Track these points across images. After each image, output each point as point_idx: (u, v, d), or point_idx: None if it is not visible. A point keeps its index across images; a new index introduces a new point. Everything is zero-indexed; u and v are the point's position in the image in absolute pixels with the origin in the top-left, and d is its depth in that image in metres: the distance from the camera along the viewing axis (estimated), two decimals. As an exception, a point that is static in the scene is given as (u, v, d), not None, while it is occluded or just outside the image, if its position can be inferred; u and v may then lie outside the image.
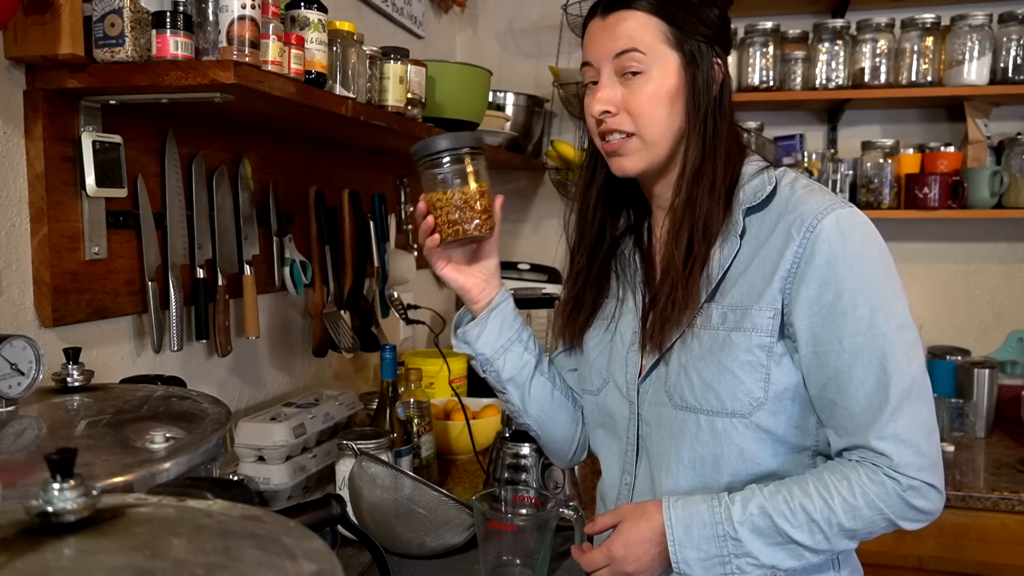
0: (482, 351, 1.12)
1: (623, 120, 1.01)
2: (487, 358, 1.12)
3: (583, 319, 1.15)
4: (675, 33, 0.99)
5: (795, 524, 0.93)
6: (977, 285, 2.48)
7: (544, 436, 1.21)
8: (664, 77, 0.99)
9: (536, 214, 2.78)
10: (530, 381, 1.15)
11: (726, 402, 0.99)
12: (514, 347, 1.13)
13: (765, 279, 0.97)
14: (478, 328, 1.12)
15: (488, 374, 1.14)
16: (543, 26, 2.69)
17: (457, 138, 1.04)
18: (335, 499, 0.77)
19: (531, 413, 1.17)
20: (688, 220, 1.00)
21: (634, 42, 0.99)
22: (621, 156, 1.03)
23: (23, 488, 0.63)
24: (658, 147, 1.02)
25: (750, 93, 2.36)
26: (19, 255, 1.09)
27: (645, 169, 1.03)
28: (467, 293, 1.12)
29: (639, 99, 1.00)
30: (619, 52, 0.99)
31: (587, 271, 1.14)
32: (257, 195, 1.54)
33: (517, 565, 1.17)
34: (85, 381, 0.96)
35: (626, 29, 0.99)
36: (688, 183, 1.01)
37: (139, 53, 1.04)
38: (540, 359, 1.17)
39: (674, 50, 1.00)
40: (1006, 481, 1.93)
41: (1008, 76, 2.22)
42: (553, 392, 1.18)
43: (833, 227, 0.94)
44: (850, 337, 0.93)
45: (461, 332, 1.13)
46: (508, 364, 1.13)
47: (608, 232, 1.13)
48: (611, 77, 1.01)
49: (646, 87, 0.99)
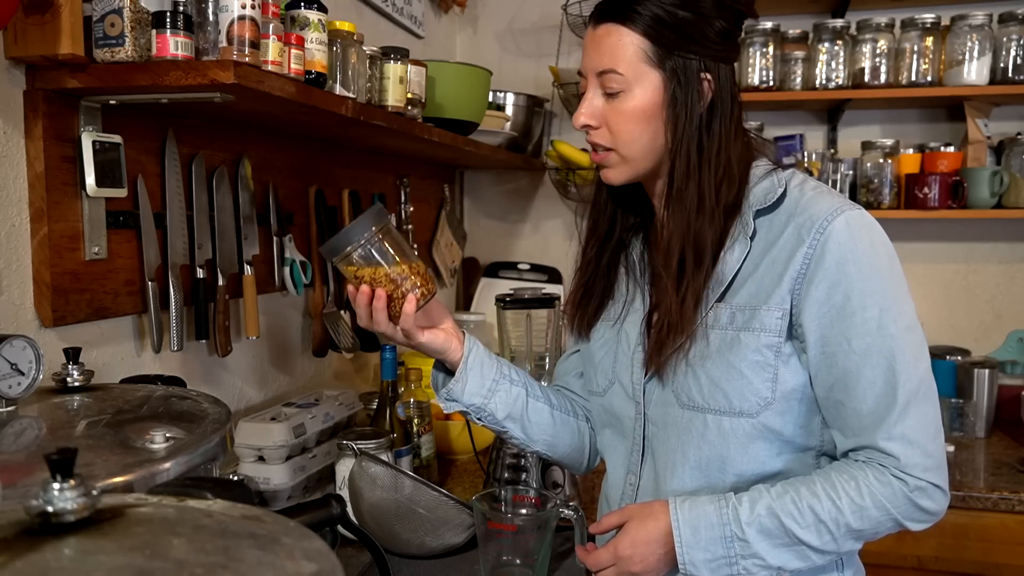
0: (472, 402, 1.11)
1: (603, 135, 1.03)
2: (478, 407, 1.11)
3: (593, 308, 1.15)
4: (657, 52, 0.98)
5: (803, 525, 0.93)
6: (977, 285, 2.48)
7: (556, 456, 1.21)
8: (644, 95, 0.99)
9: (536, 214, 2.78)
10: (526, 411, 1.14)
11: (734, 402, 0.99)
12: (500, 385, 1.12)
13: (775, 280, 0.97)
14: (460, 382, 1.10)
15: (484, 421, 1.13)
16: (543, 26, 2.69)
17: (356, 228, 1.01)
18: (335, 499, 0.77)
19: (536, 440, 1.17)
20: (677, 239, 1.01)
21: (614, 62, 0.99)
22: (604, 168, 1.05)
23: (23, 488, 0.63)
24: (638, 163, 1.02)
25: (750, 93, 2.36)
26: (19, 255, 1.09)
27: (629, 180, 1.05)
28: (448, 348, 1.09)
29: (617, 117, 1.01)
30: (600, 71, 1.00)
31: (596, 261, 1.14)
32: (257, 195, 1.54)
33: (517, 565, 1.17)
34: (85, 381, 0.96)
35: (608, 46, 0.99)
36: (674, 202, 1.01)
37: (139, 53, 1.04)
38: (529, 385, 1.16)
39: (655, 68, 0.98)
40: (1006, 481, 1.93)
41: (1008, 76, 2.22)
42: (552, 413, 1.17)
43: (843, 229, 0.94)
44: (859, 338, 0.93)
45: (445, 392, 1.11)
46: (500, 404, 1.12)
47: (619, 224, 1.13)
48: (596, 90, 1.02)
49: (624, 105, 1.00)
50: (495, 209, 2.80)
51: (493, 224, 2.80)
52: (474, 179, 2.80)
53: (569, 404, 1.22)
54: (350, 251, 1.01)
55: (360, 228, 1.01)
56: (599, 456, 1.25)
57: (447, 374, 1.13)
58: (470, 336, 1.12)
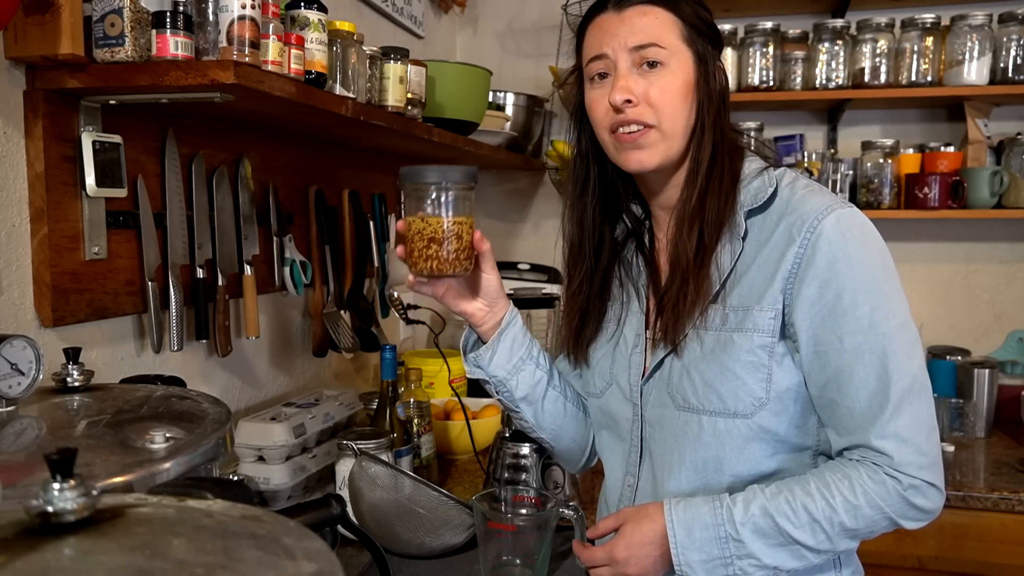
0: (495, 373, 1.11)
1: (644, 111, 0.99)
2: (500, 380, 1.11)
3: (589, 332, 1.15)
4: (687, 30, 1.01)
5: (797, 524, 0.93)
6: (977, 285, 2.48)
7: (558, 447, 1.21)
8: (683, 70, 1.00)
9: (536, 214, 2.78)
10: (543, 397, 1.14)
11: (728, 402, 0.99)
12: (526, 365, 1.12)
13: (766, 280, 0.97)
14: (490, 352, 1.10)
15: (501, 395, 1.13)
16: (543, 26, 2.69)
17: (445, 172, 1.00)
18: (335, 499, 0.77)
19: (545, 427, 1.17)
20: (699, 215, 1.01)
21: (655, 37, 0.99)
22: (640, 148, 1.01)
23: (23, 488, 0.63)
24: (675, 140, 1.01)
25: (750, 93, 2.36)
26: (19, 255, 1.09)
27: (661, 163, 1.02)
28: (471, 318, 1.10)
29: (660, 92, 0.99)
30: (640, 45, 0.99)
31: (590, 281, 1.13)
32: (257, 195, 1.54)
33: (517, 565, 1.17)
34: (85, 381, 0.96)
35: (646, 24, 1.00)
36: (702, 178, 1.01)
37: (139, 53, 1.04)
38: (552, 373, 1.16)
39: (688, 46, 1.01)
40: (1006, 481, 1.93)
41: (1008, 76, 2.22)
42: (566, 404, 1.17)
43: (834, 227, 0.94)
44: (851, 337, 0.93)
45: (473, 356, 1.11)
46: (521, 384, 1.12)
47: (607, 239, 1.13)
48: (630, 68, 1.00)
49: (666, 78, 0.99)
50: (495, 209, 2.80)
51: (493, 224, 2.80)
52: (474, 179, 2.80)
53: (579, 399, 1.22)
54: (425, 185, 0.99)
55: (450, 174, 1.00)
56: (596, 457, 1.25)
57: (479, 339, 1.13)
58: (513, 309, 1.12)
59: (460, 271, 1.02)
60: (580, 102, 1.10)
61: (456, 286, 1.08)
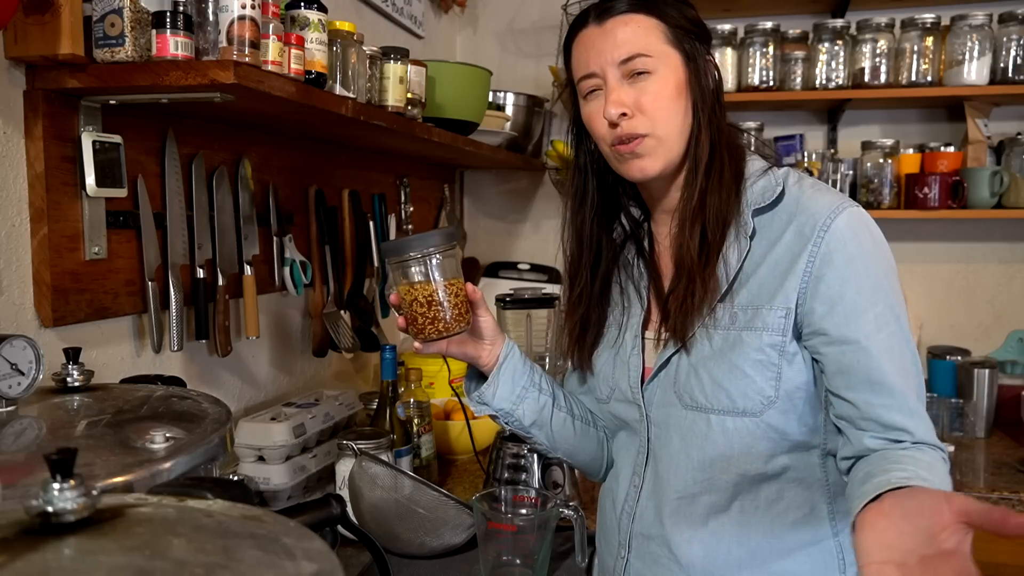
0: (500, 406, 1.12)
1: (638, 122, 1.00)
2: (507, 411, 1.13)
3: (591, 340, 1.15)
4: (674, 33, 1.01)
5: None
6: (977, 285, 2.48)
7: (576, 463, 1.22)
8: (671, 73, 1.00)
9: (536, 214, 2.78)
10: (551, 420, 1.15)
11: (737, 401, 0.99)
12: (529, 393, 1.13)
13: (778, 279, 0.98)
14: (492, 387, 1.12)
15: (511, 425, 1.15)
16: (543, 26, 2.69)
17: (424, 240, 1.02)
18: (335, 499, 0.77)
19: (560, 448, 1.18)
20: (700, 213, 1.01)
21: (639, 46, 0.99)
22: (639, 157, 1.01)
23: (23, 488, 0.63)
24: (672, 144, 1.01)
25: (750, 93, 2.36)
26: (19, 255, 1.09)
27: (663, 168, 1.02)
28: (477, 360, 1.12)
29: (651, 99, 1.00)
30: (626, 58, 0.99)
31: (590, 291, 1.13)
32: (257, 195, 1.54)
33: (517, 565, 1.17)
34: (85, 381, 0.96)
35: (629, 34, 1.00)
36: (702, 176, 1.01)
37: (139, 53, 1.04)
38: (555, 395, 1.17)
39: (675, 48, 1.01)
40: (1006, 481, 1.93)
41: (1008, 76, 2.22)
42: (574, 424, 1.18)
43: (846, 226, 0.96)
44: (868, 332, 0.94)
45: (476, 395, 1.13)
46: (527, 411, 1.13)
47: (605, 248, 1.13)
48: (619, 81, 1.01)
49: (656, 85, 1.00)
50: (495, 209, 2.80)
51: (493, 224, 2.80)
52: (474, 179, 2.80)
53: (589, 414, 1.22)
54: (410, 258, 1.02)
55: (430, 240, 1.02)
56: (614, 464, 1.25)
57: (480, 378, 1.15)
58: (509, 341, 1.14)
59: (464, 325, 1.05)
60: (576, 116, 1.11)
61: (458, 337, 1.10)
